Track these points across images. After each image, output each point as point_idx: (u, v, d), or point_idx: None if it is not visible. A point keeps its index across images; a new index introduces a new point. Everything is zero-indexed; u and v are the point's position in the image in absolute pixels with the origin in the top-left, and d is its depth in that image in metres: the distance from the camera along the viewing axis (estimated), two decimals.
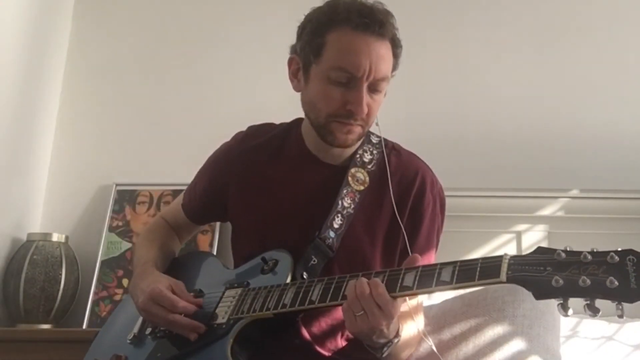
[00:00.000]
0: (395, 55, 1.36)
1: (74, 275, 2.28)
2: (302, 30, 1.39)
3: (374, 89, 1.33)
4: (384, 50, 1.32)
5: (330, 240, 1.35)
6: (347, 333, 1.36)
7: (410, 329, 1.33)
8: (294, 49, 1.41)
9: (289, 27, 1.47)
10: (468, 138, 2.41)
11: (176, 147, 2.49)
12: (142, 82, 2.60)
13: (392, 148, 1.49)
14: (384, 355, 1.20)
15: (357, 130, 1.36)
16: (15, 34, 2.32)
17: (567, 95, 2.43)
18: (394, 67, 1.38)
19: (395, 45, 1.36)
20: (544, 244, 2.19)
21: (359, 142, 1.45)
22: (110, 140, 2.56)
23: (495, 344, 1.55)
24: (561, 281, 0.94)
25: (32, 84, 2.43)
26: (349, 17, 1.30)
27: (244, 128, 1.58)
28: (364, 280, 1.13)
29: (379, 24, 1.30)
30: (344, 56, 1.30)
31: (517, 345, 1.53)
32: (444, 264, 1.10)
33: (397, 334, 1.20)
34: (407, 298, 1.36)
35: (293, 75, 1.42)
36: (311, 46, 1.34)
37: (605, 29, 2.47)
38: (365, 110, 1.32)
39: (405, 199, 1.41)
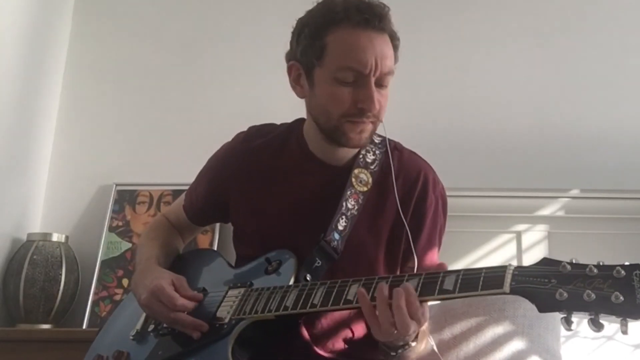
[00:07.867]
0: (395, 48, 1.34)
1: (74, 275, 2.28)
2: (299, 35, 1.35)
3: (380, 84, 1.31)
4: (385, 44, 1.31)
5: (335, 242, 1.33)
6: (347, 335, 1.35)
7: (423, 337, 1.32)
8: (292, 56, 1.38)
9: (289, 27, 1.46)
10: (468, 138, 2.41)
11: (176, 147, 2.49)
12: (142, 82, 2.60)
13: (394, 148, 1.47)
14: (396, 356, 1.19)
15: (369, 128, 1.34)
16: (15, 33, 2.31)
17: (567, 95, 2.43)
18: (395, 60, 1.36)
19: (394, 38, 1.34)
20: (544, 244, 2.19)
21: None
22: (110, 140, 2.56)
23: (495, 344, 1.55)
24: (565, 294, 0.91)
25: (32, 84, 2.43)
26: (348, 14, 1.28)
27: (244, 128, 1.56)
28: (398, 288, 1.09)
29: (378, 19, 1.29)
30: (349, 55, 1.28)
31: (517, 345, 1.54)
32: (448, 272, 1.08)
33: (415, 338, 1.19)
34: None
35: (295, 82, 1.39)
36: (312, 49, 1.31)
37: (606, 28, 2.47)
38: (377, 106, 1.30)
39: (408, 200, 1.39)
